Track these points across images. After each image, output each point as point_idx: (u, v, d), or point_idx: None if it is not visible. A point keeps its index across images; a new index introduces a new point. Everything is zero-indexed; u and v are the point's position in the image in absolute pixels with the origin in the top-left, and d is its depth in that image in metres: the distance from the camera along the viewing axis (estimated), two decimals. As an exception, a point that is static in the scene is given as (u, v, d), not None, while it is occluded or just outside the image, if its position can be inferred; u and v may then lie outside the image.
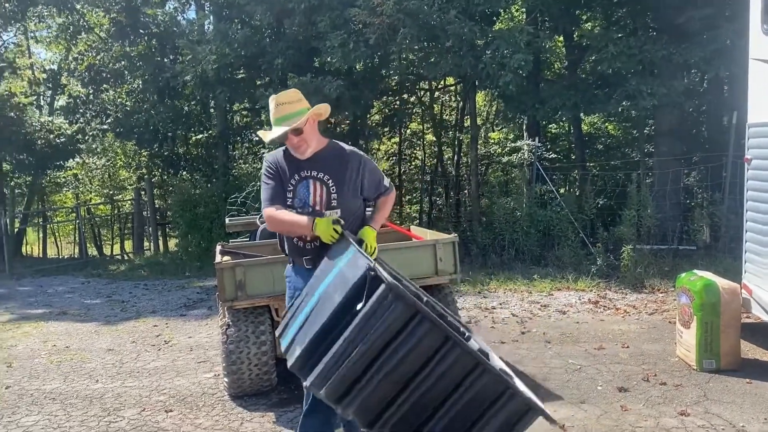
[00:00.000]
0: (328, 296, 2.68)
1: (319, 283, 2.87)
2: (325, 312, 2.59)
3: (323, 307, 2.65)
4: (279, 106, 3.23)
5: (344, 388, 2.35)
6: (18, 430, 4.54)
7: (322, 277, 2.90)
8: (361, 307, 2.38)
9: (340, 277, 2.71)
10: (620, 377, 5.05)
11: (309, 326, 2.67)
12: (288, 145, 3.30)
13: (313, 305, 2.75)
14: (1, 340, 7.42)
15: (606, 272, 9.18)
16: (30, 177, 22.54)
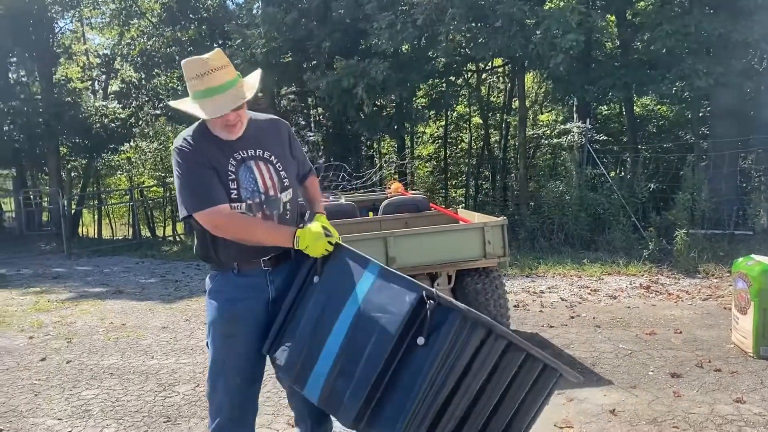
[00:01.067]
0: (365, 330, 2.23)
1: (334, 309, 2.34)
2: (374, 351, 2.19)
3: (362, 343, 2.23)
4: (210, 74, 2.40)
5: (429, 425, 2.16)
6: (79, 402, 4.73)
7: (335, 303, 2.35)
8: (429, 342, 2.12)
9: (374, 306, 2.25)
10: (673, 363, 4.96)
11: (353, 369, 2.24)
12: (215, 124, 2.48)
13: (342, 341, 2.29)
14: (62, 317, 7.71)
15: (658, 257, 8.99)
16: (85, 160, 23.21)
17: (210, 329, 2.59)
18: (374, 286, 2.27)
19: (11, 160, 21.75)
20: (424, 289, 2.16)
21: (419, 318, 2.15)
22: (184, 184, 2.44)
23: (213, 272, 2.62)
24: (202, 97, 2.40)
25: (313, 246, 2.41)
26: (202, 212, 2.41)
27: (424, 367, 2.11)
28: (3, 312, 8.14)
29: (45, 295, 9.37)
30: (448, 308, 2.13)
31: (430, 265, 5.08)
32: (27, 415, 4.50)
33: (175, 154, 2.48)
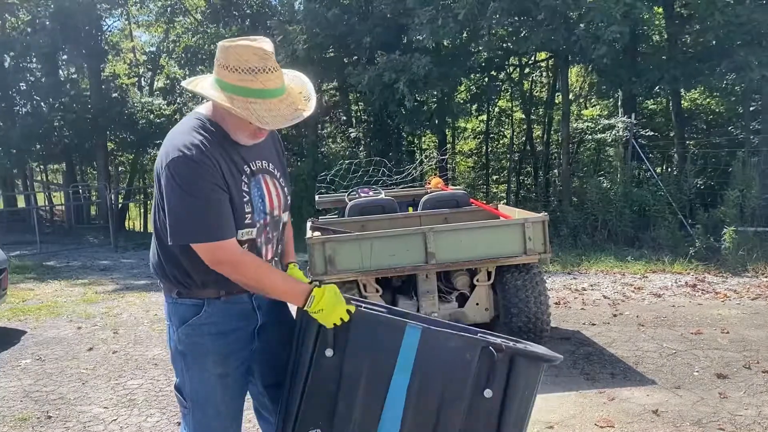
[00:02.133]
0: (427, 395, 2.05)
1: (378, 379, 2.06)
2: (445, 416, 2.04)
3: (429, 409, 2.04)
4: (270, 72, 1.92)
5: None
6: (124, 391, 4.84)
7: (376, 373, 2.06)
8: (500, 393, 2.03)
9: (430, 369, 2.04)
10: (719, 363, 4.83)
11: None
12: (240, 128, 2.02)
13: (403, 413, 2.05)
14: (108, 308, 7.91)
15: (705, 255, 8.76)
16: (132, 155, 23.73)
17: (194, 370, 2.14)
18: (422, 348, 2.03)
19: (61, 156, 22.41)
20: (483, 342, 2.03)
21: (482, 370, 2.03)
22: (190, 206, 1.94)
23: (191, 300, 2.12)
24: (254, 97, 1.91)
25: (328, 311, 1.97)
26: (209, 245, 1.97)
27: (503, 421, 2.04)
28: (53, 303, 8.39)
29: (93, 287, 9.63)
30: (510, 355, 2.02)
31: (470, 261, 5.05)
32: (74, 403, 4.63)
33: (183, 165, 1.93)
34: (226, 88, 1.92)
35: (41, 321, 7.34)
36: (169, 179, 1.94)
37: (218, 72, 1.95)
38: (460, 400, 2.03)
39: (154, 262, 2.21)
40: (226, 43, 1.95)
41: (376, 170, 9.20)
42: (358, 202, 6.28)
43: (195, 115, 2.09)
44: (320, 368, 2.06)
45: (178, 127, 2.08)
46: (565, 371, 4.82)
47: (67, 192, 22.33)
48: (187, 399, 2.18)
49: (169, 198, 1.95)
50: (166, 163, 1.95)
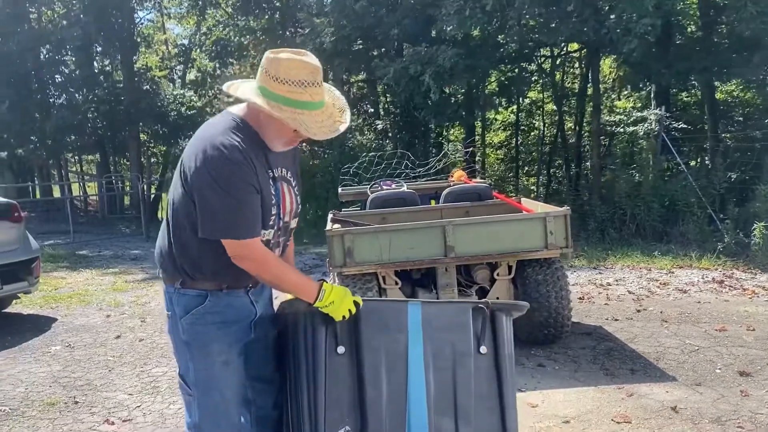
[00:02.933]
0: (442, 362, 2.25)
1: (395, 360, 2.22)
2: (461, 378, 2.24)
3: (446, 376, 2.24)
4: (317, 86, 2.03)
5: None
6: (148, 378, 4.96)
7: (393, 354, 2.22)
8: (492, 348, 2.30)
9: (437, 338, 2.26)
10: (743, 361, 4.76)
11: (449, 404, 2.23)
12: (279, 134, 2.11)
13: (426, 386, 2.21)
14: (137, 297, 8.07)
15: (734, 251, 8.61)
16: (164, 147, 24.08)
17: (198, 358, 2.21)
18: (425, 321, 2.25)
19: (95, 147, 22.84)
20: (472, 302, 2.33)
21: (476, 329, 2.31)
22: (226, 204, 2.00)
23: (195, 291, 2.18)
24: (301, 108, 2.00)
25: (338, 304, 2.12)
26: (239, 242, 2.05)
27: (500, 371, 2.30)
28: (84, 291, 8.60)
29: (123, 276, 9.84)
30: (493, 312, 2.33)
31: (490, 255, 5.03)
32: (101, 389, 4.75)
33: (221, 164, 1.99)
34: (272, 98, 2.00)
35: (72, 309, 7.53)
36: (205, 176, 2.00)
37: (265, 81, 2.02)
38: (468, 358, 2.26)
39: (163, 251, 2.26)
40: (273, 54, 2.03)
41: (400, 163, 9.21)
42: (380, 195, 6.31)
43: (230, 116, 2.14)
44: (335, 367, 2.19)
45: (212, 126, 2.14)
46: (585, 366, 4.80)
47: (101, 182, 22.79)
48: (191, 386, 2.25)
49: (205, 194, 2.02)
50: (202, 159, 2.01)
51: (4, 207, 6.78)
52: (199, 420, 2.25)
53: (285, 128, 2.05)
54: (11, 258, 6.56)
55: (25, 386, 4.88)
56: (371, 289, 5.03)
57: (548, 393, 4.30)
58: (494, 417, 2.28)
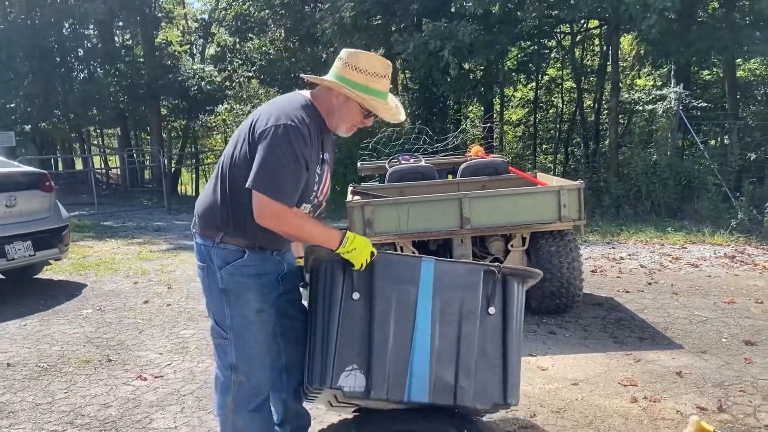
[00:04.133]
0: (449, 316, 2.41)
1: (405, 309, 2.38)
2: (466, 332, 2.40)
3: (452, 330, 2.40)
4: (387, 79, 2.39)
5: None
6: (177, 339, 5.21)
7: (403, 303, 2.39)
8: (501, 309, 2.45)
9: (447, 294, 2.41)
10: (748, 331, 4.91)
11: (451, 356, 2.40)
12: (347, 120, 2.40)
13: (431, 335, 2.38)
14: (162, 266, 8.34)
15: (748, 227, 8.70)
16: (184, 121, 24.32)
17: (235, 305, 2.44)
18: (437, 278, 2.40)
19: (117, 120, 23.14)
20: (485, 265, 2.45)
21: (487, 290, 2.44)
22: (278, 166, 2.23)
23: (234, 246, 2.41)
24: (373, 96, 2.32)
25: (360, 250, 2.30)
26: (279, 204, 2.24)
27: (506, 332, 2.44)
28: (111, 260, 8.89)
29: (147, 246, 10.12)
30: (505, 276, 2.45)
31: (504, 227, 5.20)
32: (132, 349, 5.02)
33: (291, 134, 2.24)
34: (351, 84, 2.31)
35: (100, 275, 7.83)
36: (273, 136, 2.24)
37: (343, 71, 2.33)
38: (474, 315, 2.41)
39: (211, 205, 2.46)
40: (352, 50, 2.36)
41: (418, 138, 9.34)
42: (398, 169, 6.47)
43: (302, 97, 2.41)
44: (349, 311, 2.37)
45: (288, 99, 2.41)
46: (595, 334, 4.98)
47: (122, 156, 23.12)
48: (228, 330, 2.49)
49: (267, 151, 2.24)
50: (274, 122, 2.26)
51: (36, 177, 7.03)
52: (236, 359, 2.50)
53: (355, 112, 2.37)
54: (43, 225, 6.84)
55: (61, 345, 5.16)
56: (389, 258, 5.21)
57: (558, 358, 4.49)
58: (496, 375, 2.42)
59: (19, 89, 19.98)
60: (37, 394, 4.16)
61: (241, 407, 2.52)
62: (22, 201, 6.65)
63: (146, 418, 3.74)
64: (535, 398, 3.82)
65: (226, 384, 2.55)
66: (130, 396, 4.07)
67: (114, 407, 3.91)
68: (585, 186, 5.26)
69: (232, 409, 2.54)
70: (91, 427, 3.65)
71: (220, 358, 2.58)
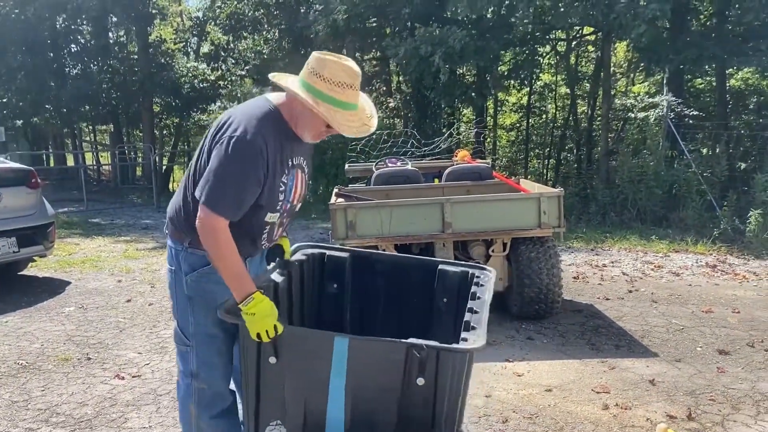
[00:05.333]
0: (364, 395, 2.26)
1: (317, 383, 2.25)
2: (383, 414, 2.25)
3: (368, 408, 2.26)
4: (353, 90, 2.26)
5: None
6: (157, 339, 5.23)
7: (315, 379, 2.25)
8: (432, 380, 2.18)
9: (362, 371, 2.23)
10: (724, 340, 4.97)
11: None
12: (309, 127, 2.31)
13: (345, 415, 2.26)
14: (147, 264, 8.35)
15: (731, 237, 8.78)
16: (177, 119, 24.29)
17: (199, 312, 2.42)
18: (351, 354, 2.19)
19: (109, 117, 23.10)
20: (408, 344, 2.15)
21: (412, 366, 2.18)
22: (223, 177, 2.18)
23: (202, 252, 2.35)
24: (336, 107, 2.20)
25: (258, 319, 2.14)
26: (216, 217, 2.19)
27: (437, 402, 2.21)
28: (96, 257, 8.88)
29: (134, 244, 10.12)
30: (436, 351, 2.15)
31: (485, 232, 5.25)
32: (112, 348, 5.03)
33: (241, 148, 2.17)
34: (314, 93, 2.20)
35: (85, 273, 7.83)
36: (225, 146, 2.18)
37: (308, 77, 2.22)
38: (393, 391, 2.20)
39: (178, 209, 2.44)
40: (320, 54, 2.25)
41: (407, 141, 9.38)
42: (383, 172, 6.51)
43: (268, 104, 2.33)
44: (267, 373, 2.29)
45: (252, 107, 2.32)
46: (572, 341, 5.03)
47: (114, 152, 23.07)
48: (190, 338, 2.46)
49: (215, 163, 2.19)
50: (230, 133, 2.19)
51: (23, 173, 7.03)
52: (196, 368, 2.48)
53: (318, 121, 2.25)
54: (28, 222, 6.83)
55: (41, 343, 5.17)
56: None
57: (534, 364, 4.53)
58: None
59: (11, 84, 19.91)
60: (14, 392, 4.17)
61: (204, 413, 2.51)
62: (7, 197, 6.65)
63: (121, 417, 3.76)
64: (508, 404, 3.86)
65: (188, 391, 2.54)
66: (107, 395, 4.09)
67: (90, 406, 3.92)
68: (574, 192, 5.32)
69: (195, 414, 2.53)
70: (65, 425, 3.66)
71: (181, 364, 2.56)
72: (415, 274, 2.66)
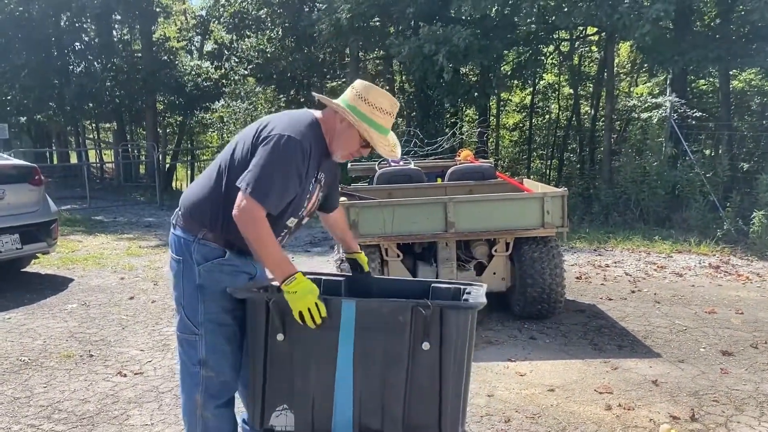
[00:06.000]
0: (372, 359, 2.29)
1: (325, 351, 2.30)
2: (392, 377, 2.29)
3: (375, 372, 2.29)
4: (391, 116, 2.51)
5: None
6: (159, 337, 5.23)
7: (324, 346, 2.30)
8: (437, 344, 2.25)
9: (369, 335, 2.28)
10: (727, 341, 4.96)
11: (377, 401, 2.31)
12: (346, 146, 2.49)
13: (353, 380, 2.30)
14: (150, 262, 8.36)
15: (734, 238, 8.76)
16: (180, 117, 24.30)
17: (210, 302, 2.48)
18: (359, 319, 2.26)
19: (112, 115, 23.12)
20: (413, 303, 2.23)
21: (417, 328, 2.24)
22: (271, 173, 2.30)
23: (215, 244, 2.46)
24: (373, 128, 2.43)
25: (301, 296, 2.24)
26: (258, 208, 2.28)
27: (443, 367, 2.25)
28: (99, 254, 8.89)
29: (137, 242, 10.13)
30: (439, 309, 2.23)
31: (488, 232, 5.24)
32: (114, 345, 5.03)
33: (291, 146, 2.32)
34: (357, 114, 2.43)
35: (88, 270, 7.83)
36: (275, 143, 2.33)
37: (353, 100, 2.46)
38: (401, 357, 2.25)
39: (198, 201, 2.51)
40: (366, 83, 2.52)
41: (410, 140, 9.37)
42: (386, 171, 6.51)
43: (312, 116, 2.51)
44: (274, 353, 2.33)
45: (298, 115, 2.51)
46: (575, 341, 5.01)
47: (117, 150, 23.10)
48: (199, 326, 2.50)
49: (264, 156, 2.32)
50: (279, 132, 2.35)
51: (26, 170, 7.04)
52: (205, 355, 2.51)
53: (354, 140, 2.46)
54: (31, 219, 6.85)
55: (43, 339, 5.17)
56: (374, 260, 5.25)
57: (537, 364, 4.52)
58: (433, 412, 2.29)
59: (15, 81, 19.94)
60: (16, 388, 4.17)
61: (210, 402, 2.55)
62: (10, 194, 6.66)
63: (123, 414, 3.76)
64: (510, 403, 3.85)
65: (194, 380, 2.56)
66: (109, 392, 4.09)
67: (92, 403, 3.92)
68: (576, 192, 5.31)
69: (200, 404, 2.55)
70: (67, 422, 3.67)
71: (187, 353, 2.57)
72: (410, 293, 2.67)
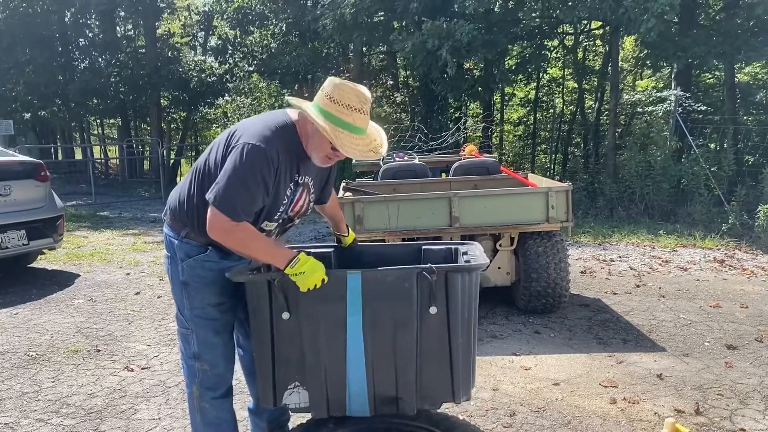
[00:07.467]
0: (381, 327, 2.30)
1: (334, 324, 2.30)
2: (402, 342, 2.30)
3: (386, 340, 2.31)
4: (361, 113, 2.29)
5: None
6: (165, 332, 5.26)
7: (332, 319, 2.30)
8: (444, 307, 2.29)
9: (377, 303, 2.29)
10: (732, 335, 4.96)
11: (390, 368, 2.33)
12: (317, 150, 2.37)
13: (364, 349, 2.31)
14: (155, 257, 8.38)
15: (739, 232, 8.74)
16: (184, 113, 24.33)
17: (195, 297, 2.50)
18: (365, 289, 2.27)
19: (117, 111, 23.16)
20: (417, 268, 2.26)
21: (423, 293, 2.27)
22: (236, 184, 2.24)
23: (197, 243, 2.48)
24: (342, 128, 2.25)
25: (309, 274, 2.23)
26: (227, 220, 2.26)
27: (451, 330, 2.30)
28: (105, 250, 8.93)
29: (142, 237, 10.17)
30: (443, 273, 2.26)
31: (493, 226, 5.25)
32: (121, 340, 5.06)
33: (255, 155, 2.25)
34: (323, 113, 2.27)
35: (93, 266, 7.87)
36: (239, 155, 2.25)
37: (321, 100, 2.29)
38: (410, 322, 2.28)
39: (181, 202, 2.51)
40: (336, 80, 2.32)
41: (414, 135, 9.37)
42: (391, 166, 6.52)
43: (287, 117, 2.42)
44: (281, 331, 2.34)
45: (269, 119, 2.41)
46: (579, 335, 5.02)
47: (121, 146, 23.15)
48: (188, 321, 2.55)
49: (230, 167, 2.26)
50: (244, 141, 2.27)
51: (32, 166, 7.07)
52: (198, 349, 2.56)
53: (324, 143, 2.31)
54: (37, 215, 6.88)
55: (51, 335, 5.21)
56: (379, 255, 5.26)
57: (542, 358, 4.54)
58: (444, 374, 2.34)
59: (19, 77, 19.99)
60: (25, 383, 4.20)
61: (207, 394, 2.60)
62: (16, 190, 6.70)
63: (131, 408, 3.79)
64: (516, 397, 3.86)
65: (191, 372, 2.61)
66: (116, 386, 4.12)
67: (100, 397, 3.96)
68: (581, 187, 5.31)
69: (198, 396, 2.61)
70: (75, 416, 3.70)
71: (183, 346, 2.63)
72: (402, 258, 2.73)
